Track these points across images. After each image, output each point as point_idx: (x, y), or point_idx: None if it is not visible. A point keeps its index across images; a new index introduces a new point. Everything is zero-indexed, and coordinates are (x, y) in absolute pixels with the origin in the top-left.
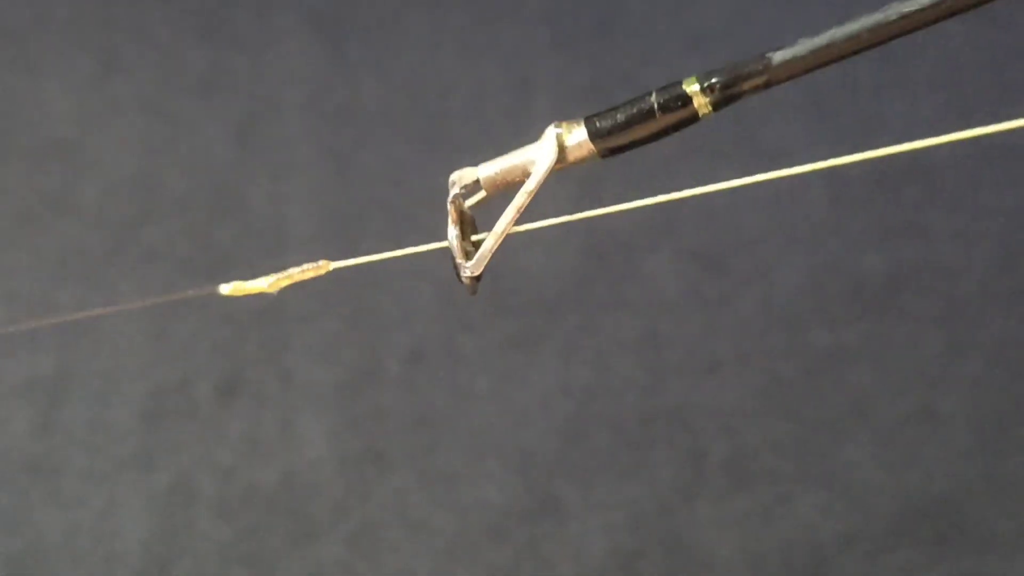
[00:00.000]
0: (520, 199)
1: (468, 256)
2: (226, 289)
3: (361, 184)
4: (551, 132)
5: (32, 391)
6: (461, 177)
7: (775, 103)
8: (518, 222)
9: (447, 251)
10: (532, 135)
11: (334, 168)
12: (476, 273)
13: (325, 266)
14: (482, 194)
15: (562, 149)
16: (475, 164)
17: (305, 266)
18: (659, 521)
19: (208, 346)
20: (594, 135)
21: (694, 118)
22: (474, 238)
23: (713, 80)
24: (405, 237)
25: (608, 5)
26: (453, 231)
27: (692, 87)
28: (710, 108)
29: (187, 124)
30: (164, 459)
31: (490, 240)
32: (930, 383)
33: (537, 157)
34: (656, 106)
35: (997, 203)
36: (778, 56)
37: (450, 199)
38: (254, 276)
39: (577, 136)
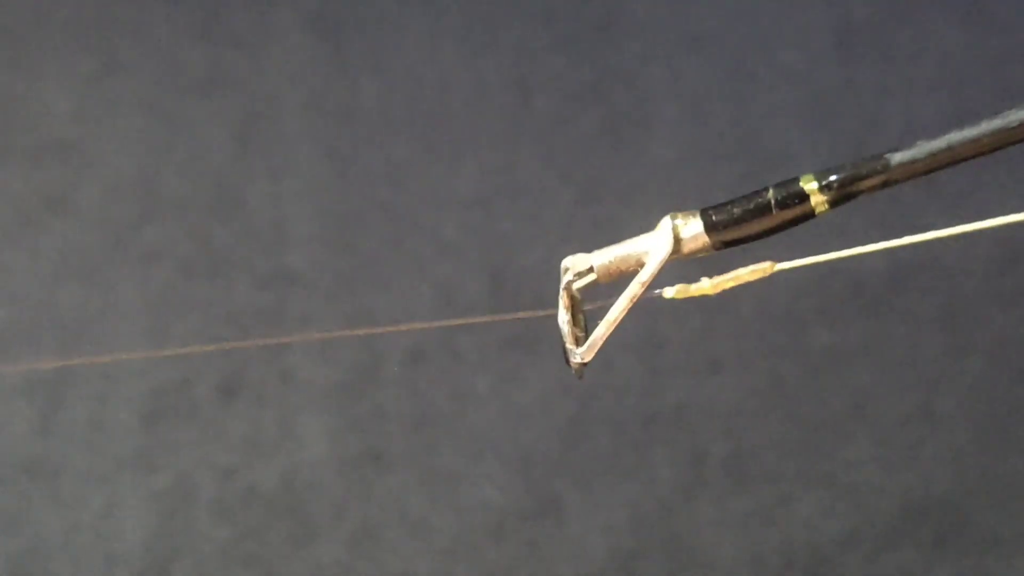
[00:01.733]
0: (634, 288)
1: (578, 342)
2: (671, 292)
3: (361, 184)
4: (667, 223)
5: (32, 391)
6: (575, 264)
7: (776, 104)
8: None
9: (456, 256)
10: (533, 135)
11: (334, 168)
12: (587, 360)
13: (771, 268)
14: (592, 278)
15: (677, 241)
16: (475, 164)
17: (752, 267)
18: (659, 521)
19: (208, 346)
20: (710, 228)
21: (810, 214)
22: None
23: (831, 179)
24: (405, 237)
25: (608, 5)
26: (564, 317)
27: (810, 185)
28: (827, 206)
29: (187, 124)
30: (164, 459)
31: (602, 328)
32: (930, 383)
33: (652, 248)
34: (773, 203)
35: (997, 204)
36: (897, 158)
37: (563, 285)
38: (253, 277)
39: (692, 228)
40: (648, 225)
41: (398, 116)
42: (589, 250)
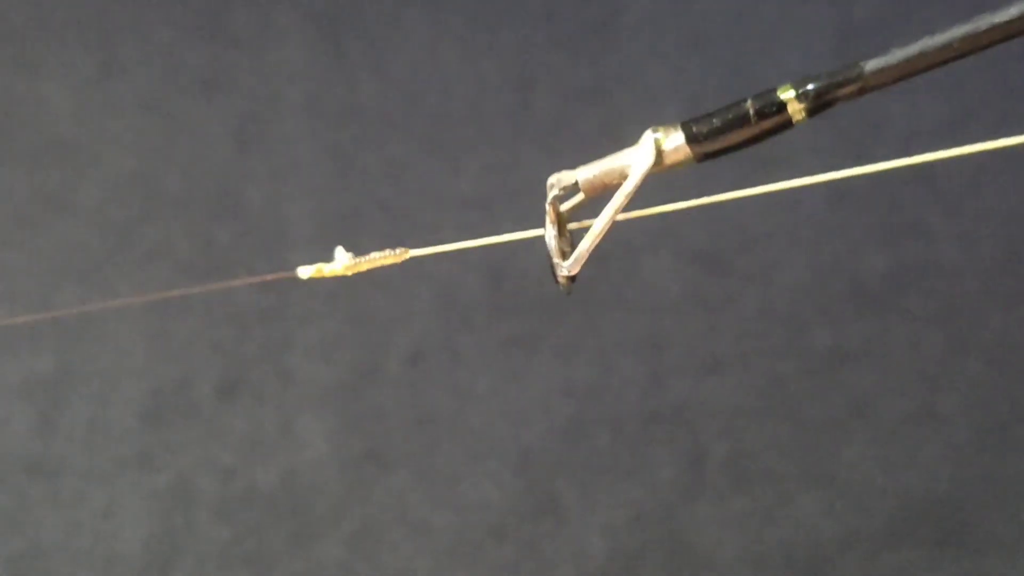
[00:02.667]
0: (618, 200)
1: (565, 256)
2: (306, 273)
3: (361, 184)
4: (649, 136)
5: (32, 391)
6: (560, 180)
7: None
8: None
9: (456, 256)
10: (532, 135)
11: (334, 168)
12: (573, 273)
13: (403, 253)
14: (580, 197)
15: (660, 153)
16: (475, 164)
17: (385, 251)
18: (660, 521)
19: (208, 346)
20: (691, 139)
21: (788, 124)
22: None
23: (808, 87)
24: (405, 237)
25: (608, 5)
26: (551, 231)
27: (787, 94)
28: (804, 114)
29: (187, 124)
30: (164, 459)
31: (587, 240)
32: (930, 383)
33: (635, 160)
34: (752, 112)
35: (998, 204)
36: (871, 64)
37: (548, 201)
38: (254, 276)
39: (674, 140)
40: (648, 222)
41: (398, 116)
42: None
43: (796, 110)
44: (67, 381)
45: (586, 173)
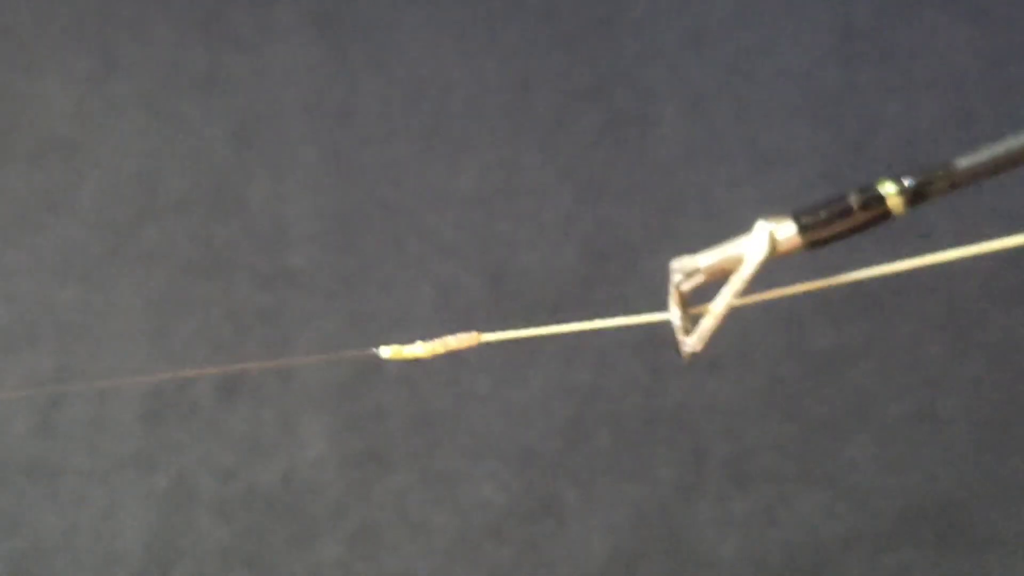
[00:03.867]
0: (736, 284)
1: (687, 334)
2: (386, 353)
3: (361, 184)
4: (763, 228)
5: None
6: (683, 266)
7: (776, 104)
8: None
9: (456, 256)
10: (533, 134)
11: (334, 168)
12: (698, 350)
13: (476, 337)
14: (700, 278)
15: (774, 243)
16: (475, 164)
17: (460, 336)
18: (660, 521)
19: (208, 346)
20: (802, 230)
21: (888, 215)
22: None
23: (906, 184)
24: (405, 237)
25: (608, 4)
26: (676, 312)
27: (887, 189)
28: (903, 208)
29: (187, 124)
30: (164, 459)
31: (710, 320)
32: (931, 384)
33: (750, 250)
34: (855, 205)
35: (998, 204)
36: (962, 163)
37: (673, 284)
38: (253, 277)
39: (786, 231)
40: (648, 222)
41: (398, 116)
42: (587, 250)
43: (896, 203)
44: (67, 381)
45: (707, 261)
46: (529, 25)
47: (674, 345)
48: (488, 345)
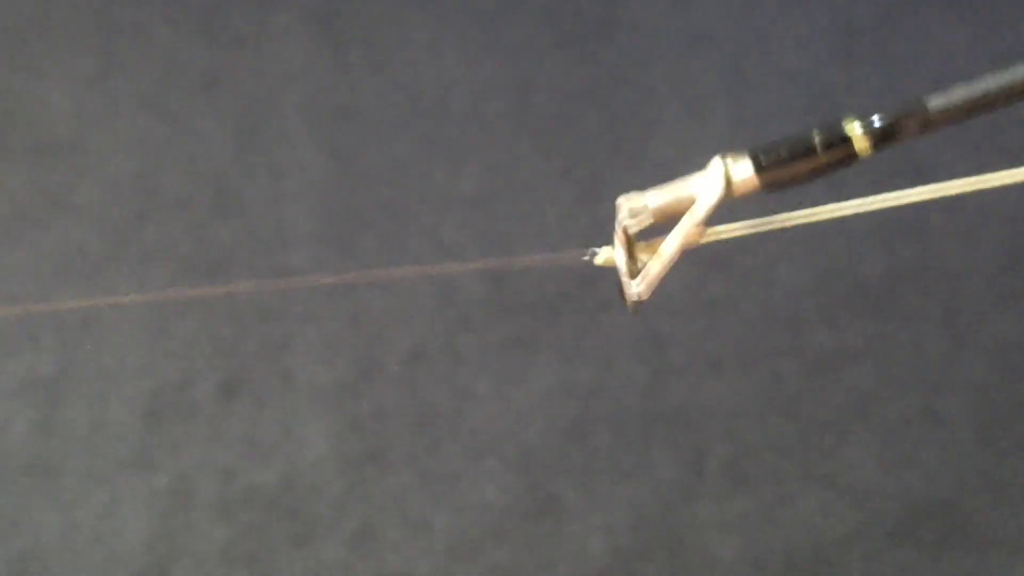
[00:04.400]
0: (686, 226)
1: (633, 277)
2: (599, 259)
3: (361, 184)
4: (718, 164)
5: (32, 391)
6: (629, 203)
7: (776, 104)
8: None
9: (456, 256)
10: (533, 135)
11: (334, 168)
12: (645, 296)
13: (701, 231)
14: (648, 220)
15: (728, 182)
16: (476, 164)
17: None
18: (660, 521)
19: (209, 346)
20: (758, 168)
21: (853, 156)
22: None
23: (873, 121)
24: (405, 237)
25: (608, 5)
26: (621, 253)
27: (854, 128)
28: (870, 148)
29: (187, 124)
30: (164, 459)
31: (657, 264)
32: (931, 384)
33: (704, 188)
34: (817, 143)
35: (998, 204)
36: (933, 101)
37: (620, 223)
38: (253, 277)
39: (742, 170)
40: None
41: (398, 116)
42: (592, 248)
43: (862, 145)
44: (67, 381)
45: (656, 199)
46: (529, 25)
47: (618, 288)
48: (488, 345)
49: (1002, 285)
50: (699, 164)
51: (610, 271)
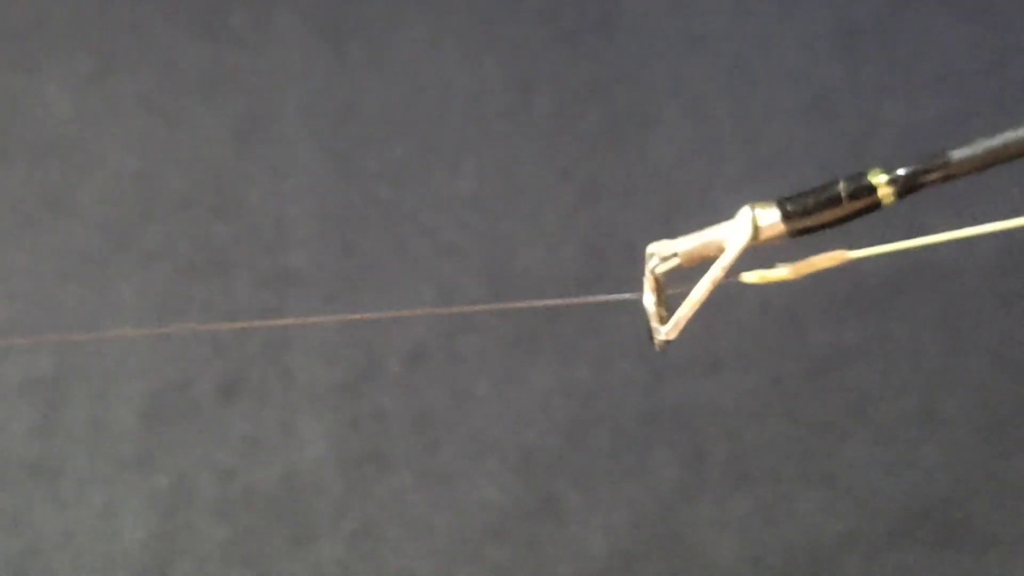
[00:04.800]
0: (715, 272)
1: (662, 321)
2: (751, 277)
3: (361, 184)
4: (747, 213)
5: (32, 391)
6: (660, 250)
7: (776, 104)
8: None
9: (456, 256)
10: (533, 134)
11: (334, 168)
12: (671, 338)
13: (842, 255)
14: (676, 262)
15: (756, 229)
16: (475, 164)
17: (825, 255)
18: (660, 521)
19: (209, 346)
20: (785, 217)
21: (877, 205)
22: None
23: (898, 173)
24: (405, 237)
25: (609, 4)
26: (650, 298)
27: (878, 178)
28: (894, 197)
29: (187, 124)
30: (164, 459)
31: (685, 308)
32: (931, 384)
33: (732, 235)
34: (844, 194)
35: (998, 204)
36: (956, 154)
37: (649, 269)
38: (253, 277)
39: (770, 217)
40: (648, 222)
41: (398, 116)
42: (587, 250)
43: (886, 193)
44: (67, 381)
45: (686, 245)
46: (529, 25)
47: (647, 331)
48: (488, 345)
49: (1001, 285)
50: (699, 165)
51: (611, 271)
